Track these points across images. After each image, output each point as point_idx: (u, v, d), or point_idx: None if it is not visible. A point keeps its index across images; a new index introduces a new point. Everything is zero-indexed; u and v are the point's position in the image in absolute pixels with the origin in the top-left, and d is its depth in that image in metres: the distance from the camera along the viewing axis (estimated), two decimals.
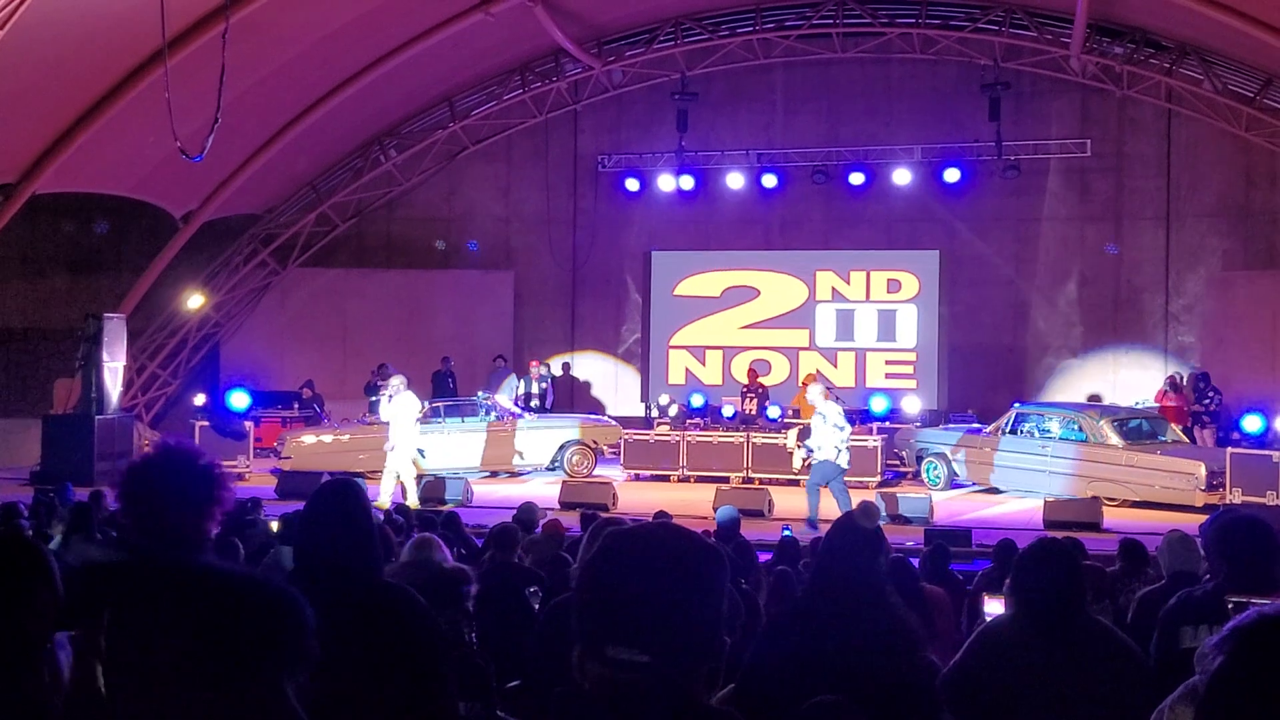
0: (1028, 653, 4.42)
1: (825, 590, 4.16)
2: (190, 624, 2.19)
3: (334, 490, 4.02)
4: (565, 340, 28.69)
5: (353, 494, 3.97)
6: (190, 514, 3.10)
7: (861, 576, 4.07)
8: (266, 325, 28.83)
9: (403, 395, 19.23)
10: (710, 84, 27.22)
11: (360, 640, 3.61)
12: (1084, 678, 4.38)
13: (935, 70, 26.60)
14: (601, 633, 2.41)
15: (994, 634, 4.70)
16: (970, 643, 4.79)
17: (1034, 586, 4.55)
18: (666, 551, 2.46)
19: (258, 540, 10.71)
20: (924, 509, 17.67)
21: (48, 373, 27.44)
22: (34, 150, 21.66)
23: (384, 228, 29.40)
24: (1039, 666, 4.39)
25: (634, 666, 2.37)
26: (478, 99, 28.20)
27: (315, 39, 21.93)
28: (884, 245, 26.97)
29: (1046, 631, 4.46)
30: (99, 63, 20.18)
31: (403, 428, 19.00)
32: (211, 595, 2.23)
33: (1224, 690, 1.93)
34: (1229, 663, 1.93)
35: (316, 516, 3.91)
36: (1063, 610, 4.50)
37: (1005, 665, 4.43)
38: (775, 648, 4.16)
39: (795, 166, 26.87)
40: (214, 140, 14.93)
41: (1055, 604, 4.50)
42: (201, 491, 3.15)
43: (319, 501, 3.97)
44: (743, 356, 26.93)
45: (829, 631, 3.94)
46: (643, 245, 28.02)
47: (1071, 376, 26.15)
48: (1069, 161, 26.08)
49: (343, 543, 3.81)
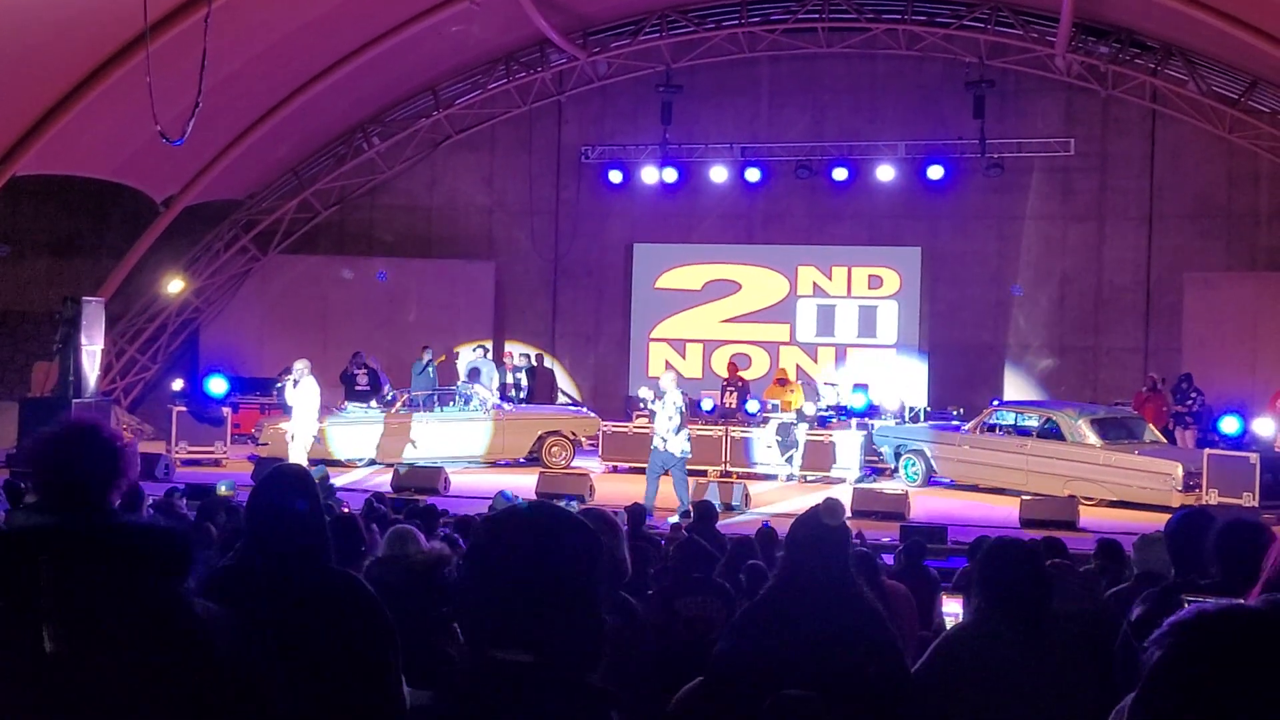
0: (993, 653, 4.41)
1: (792, 586, 4.14)
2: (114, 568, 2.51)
3: (280, 478, 4.00)
4: (546, 331, 28.65)
5: (300, 482, 3.94)
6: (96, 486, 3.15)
7: (829, 572, 4.06)
8: (246, 311, 28.73)
9: (306, 380, 19.77)
10: (695, 77, 27.19)
11: (306, 628, 3.59)
12: (1050, 678, 4.37)
13: (920, 67, 26.60)
14: (483, 634, 2.40)
15: (959, 634, 4.69)
16: (936, 642, 4.78)
17: (997, 586, 4.54)
18: (539, 538, 2.43)
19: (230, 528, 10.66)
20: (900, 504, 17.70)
21: (26, 356, 27.35)
22: (15, 132, 21.54)
23: (366, 215, 29.33)
24: (1005, 666, 4.38)
25: (519, 666, 2.36)
26: (462, 88, 28.13)
27: (298, 24, 21.85)
28: (866, 241, 26.98)
29: (1011, 632, 4.44)
30: (81, 46, 20.07)
31: (305, 412, 19.58)
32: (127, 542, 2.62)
33: (1158, 685, 1.92)
34: (1165, 657, 1.92)
35: (262, 504, 3.89)
36: (1027, 610, 4.49)
37: (970, 666, 4.42)
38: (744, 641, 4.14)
39: (779, 161, 26.86)
40: (195, 125, 14.86)
41: (1019, 604, 4.48)
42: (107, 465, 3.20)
43: (265, 490, 3.95)
44: (723, 350, 26.94)
45: (798, 626, 3.93)
46: (625, 237, 28.01)
47: (1051, 375, 26.19)
48: (1052, 160, 26.11)
49: (289, 531, 3.79)
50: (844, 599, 4.03)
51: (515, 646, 2.36)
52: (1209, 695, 1.85)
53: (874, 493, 18.50)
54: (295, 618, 3.55)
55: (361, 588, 3.84)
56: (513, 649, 2.36)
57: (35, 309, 27.78)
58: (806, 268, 27.06)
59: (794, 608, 4.01)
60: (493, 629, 2.38)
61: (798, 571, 4.15)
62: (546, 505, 2.62)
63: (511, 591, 2.37)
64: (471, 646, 2.42)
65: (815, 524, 4.22)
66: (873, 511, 17.39)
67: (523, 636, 2.36)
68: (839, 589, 4.04)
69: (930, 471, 21.04)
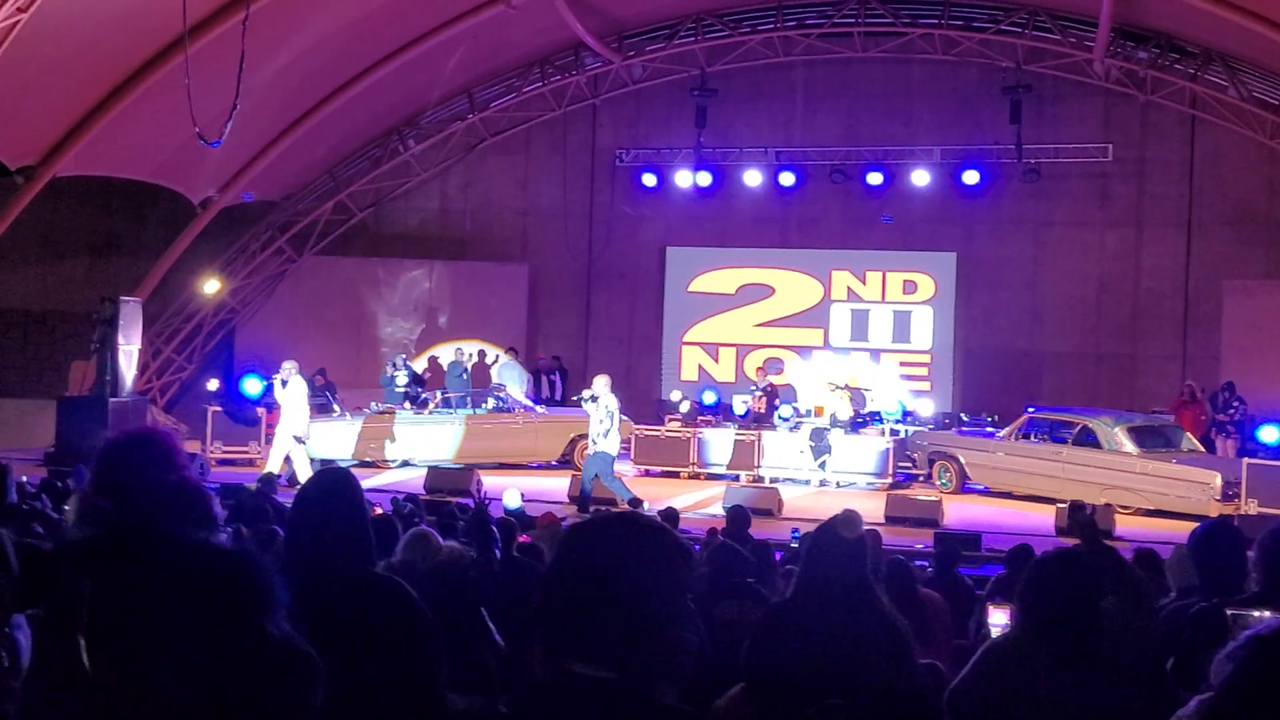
0: (1037, 669, 4.31)
1: (808, 596, 4.11)
2: (167, 588, 2.28)
3: (325, 481, 3.99)
4: (579, 334, 28.66)
5: (345, 485, 3.94)
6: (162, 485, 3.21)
7: (846, 583, 4.01)
8: (282, 312, 28.84)
9: (295, 379, 20.08)
10: (730, 81, 27.15)
11: (348, 632, 3.59)
12: (1093, 697, 4.28)
13: (956, 71, 26.50)
14: (564, 644, 2.35)
15: (1002, 647, 4.58)
16: (978, 656, 4.69)
17: (1049, 602, 4.39)
18: (627, 551, 2.38)
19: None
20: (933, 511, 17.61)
21: (64, 355, 27.53)
22: (55, 134, 21.70)
23: (401, 217, 29.42)
24: (1052, 687, 4.28)
25: (596, 681, 2.31)
26: (497, 91, 28.20)
27: (336, 27, 21.94)
28: (901, 246, 26.87)
29: (1060, 650, 4.31)
30: (120, 48, 20.21)
31: (295, 410, 19.85)
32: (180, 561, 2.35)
33: (1237, 698, 1.89)
34: (1243, 671, 1.89)
35: (307, 508, 3.89)
36: (1079, 629, 4.35)
37: (1013, 681, 4.33)
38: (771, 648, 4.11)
39: (813, 165, 26.79)
40: (233, 127, 14.94)
41: (1071, 622, 4.34)
42: (171, 463, 3.28)
43: (310, 493, 3.94)
44: (756, 354, 26.89)
45: (814, 636, 3.89)
46: (658, 241, 27.99)
47: (1087, 382, 26.00)
48: (1090, 166, 25.95)
49: (333, 534, 3.79)
50: (861, 611, 3.98)
51: (594, 660, 2.31)
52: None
53: (907, 499, 18.40)
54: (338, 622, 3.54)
55: (405, 592, 3.83)
56: (591, 663, 2.31)
57: (73, 309, 27.94)
58: (840, 272, 26.98)
59: (809, 618, 3.97)
60: (571, 641, 2.33)
61: (814, 582, 4.11)
62: (631, 515, 2.57)
63: (592, 604, 2.32)
64: (549, 656, 2.36)
65: (832, 536, 4.18)
66: (906, 518, 17.30)
67: (602, 651, 2.30)
68: (855, 601, 3.99)
69: (963, 478, 20.92)
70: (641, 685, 2.32)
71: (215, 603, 2.32)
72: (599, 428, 18.20)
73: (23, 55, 18.48)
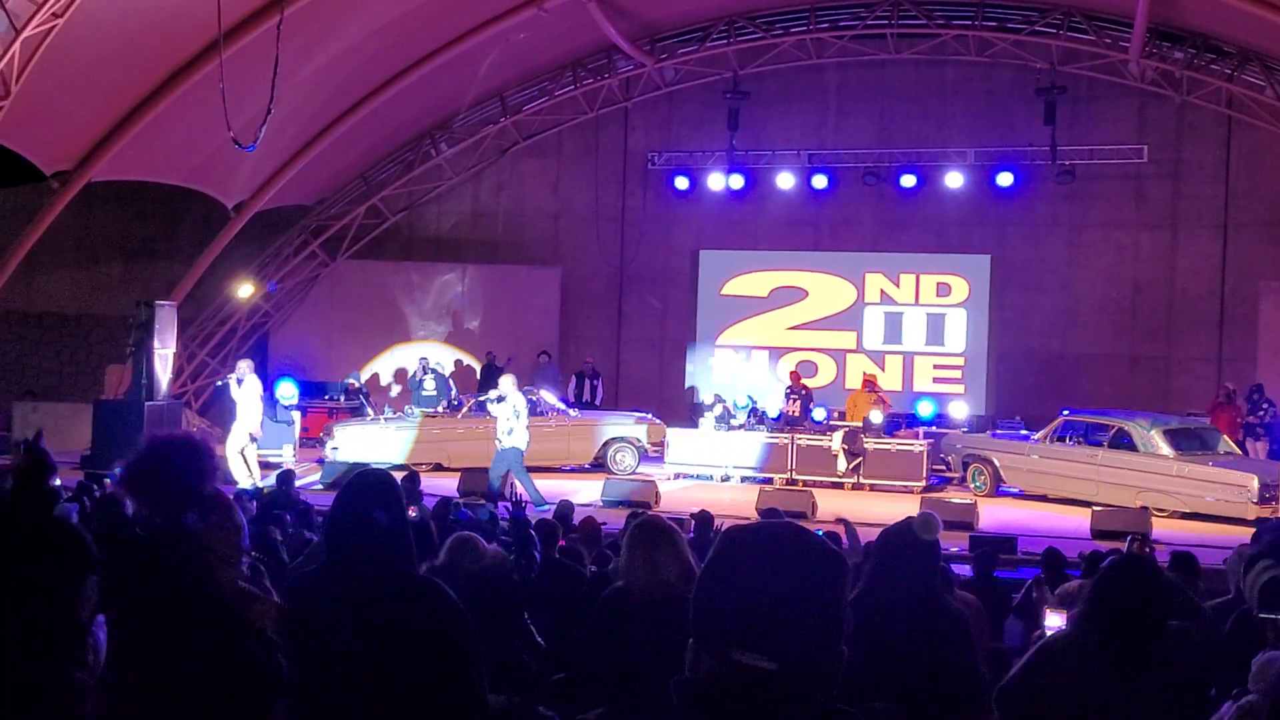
0: (1096, 674, 4.28)
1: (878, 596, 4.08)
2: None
3: (364, 482, 3.98)
4: (611, 337, 28.66)
5: (385, 487, 3.93)
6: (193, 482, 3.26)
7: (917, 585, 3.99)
8: (315, 316, 28.95)
9: (249, 378, 20.19)
10: (762, 83, 27.12)
11: (387, 632, 3.58)
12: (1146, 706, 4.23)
13: (990, 73, 26.39)
14: (726, 635, 2.39)
15: (1058, 647, 4.54)
16: (1031, 654, 4.67)
17: (1116, 608, 4.35)
18: (792, 554, 2.44)
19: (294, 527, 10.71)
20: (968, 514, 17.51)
21: (100, 359, 27.73)
22: (90, 138, 21.84)
23: (434, 221, 29.49)
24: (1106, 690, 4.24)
25: (758, 672, 2.35)
26: (529, 94, 28.24)
27: (369, 31, 22.00)
28: (934, 248, 26.77)
29: (1117, 651, 4.28)
30: (155, 53, 20.33)
31: (249, 409, 19.97)
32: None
33: None
34: None
35: (348, 509, 3.88)
36: (1140, 631, 4.32)
37: (1068, 681, 4.30)
38: None
39: (846, 167, 26.73)
40: (267, 131, 15.01)
41: (1135, 628, 4.31)
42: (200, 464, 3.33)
43: (349, 494, 3.93)
44: (789, 357, 26.84)
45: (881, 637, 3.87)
46: (691, 244, 27.98)
47: (1122, 385, 25.82)
48: (1125, 167, 25.79)
49: (372, 535, 3.77)
50: (930, 612, 3.96)
51: (759, 651, 2.35)
52: None
53: (941, 502, 18.32)
54: (378, 624, 3.54)
55: (445, 594, 3.81)
56: (756, 654, 2.35)
57: (109, 312, 28.13)
58: (874, 275, 26.91)
59: (879, 618, 3.95)
60: (733, 631, 2.37)
61: (884, 582, 4.08)
62: (794, 524, 2.61)
63: (757, 597, 2.37)
64: (707, 644, 2.41)
65: (908, 536, 4.15)
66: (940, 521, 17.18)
67: (765, 643, 2.35)
68: (925, 602, 3.97)
69: (998, 481, 20.82)
70: (800, 682, 2.36)
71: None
72: (504, 425, 18.65)
73: (58, 61, 18.61)
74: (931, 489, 20.88)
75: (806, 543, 2.47)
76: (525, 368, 26.37)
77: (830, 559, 2.46)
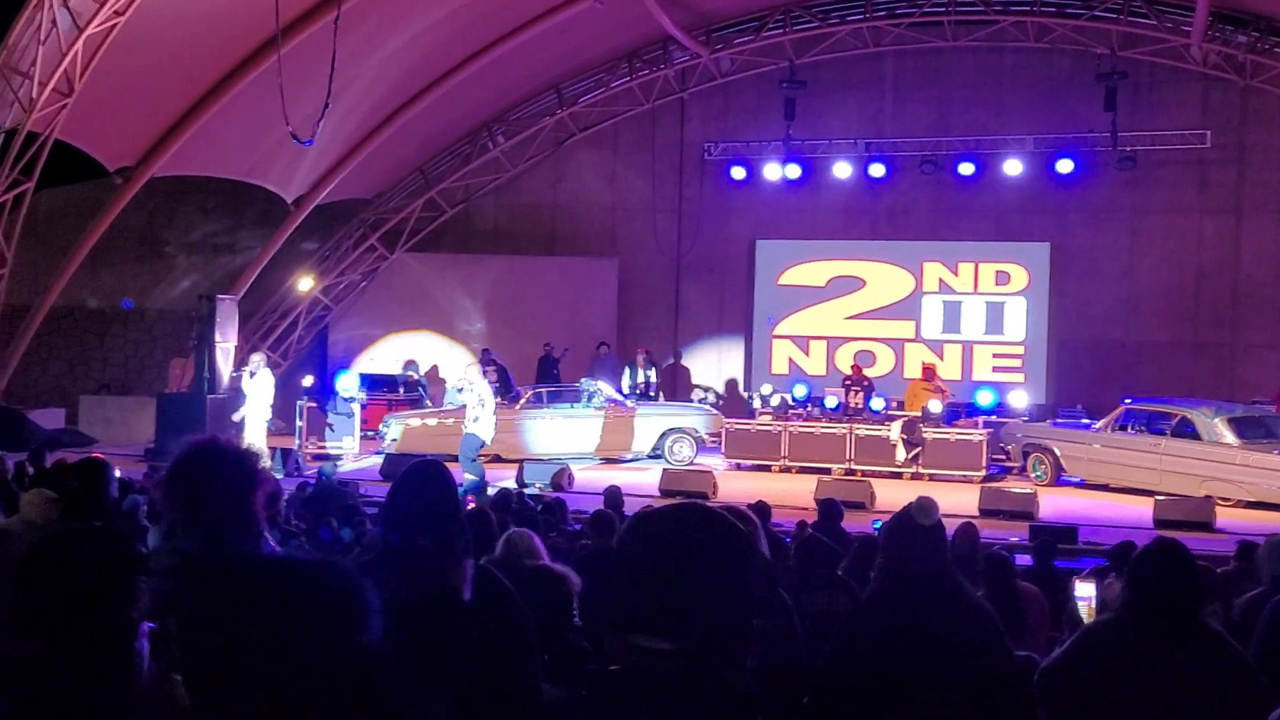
0: (1136, 653, 4.30)
1: (893, 589, 4.07)
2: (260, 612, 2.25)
3: (419, 473, 4.01)
4: (669, 328, 28.67)
5: (438, 477, 3.95)
6: (235, 501, 3.21)
7: (929, 571, 3.98)
8: (374, 309, 29.16)
9: (262, 372, 20.45)
10: (819, 72, 27.00)
11: (441, 624, 3.61)
12: (1190, 683, 4.26)
13: (1049, 59, 26.14)
14: (625, 618, 2.38)
15: (1101, 631, 4.57)
16: (1075, 638, 4.68)
17: (1152, 586, 4.41)
18: (689, 533, 2.40)
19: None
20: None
21: (163, 352, 28.06)
22: (152, 135, 22.13)
23: (491, 214, 29.62)
24: (1146, 668, 4.27)
25: (655, 654, 2.33)
26: (585, 86, 28.29)
27: (425, 25, 22.12)
28: (993, 237, 26.57)
29: (1158, 633, 4.32)
30: (214, 49, 20.54)
31: (259, 402, 20.20)
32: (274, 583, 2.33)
33: None
34: None
35: (403, 498, 3.90)
36: (1178, 613, 4.37)
37: (1110, 663, 4.32)
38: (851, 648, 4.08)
39: (904, 156, 26.59)
40: (325, 126, 15.13)
41: (1171, 606, 4.36)
42: (244, 480, 3.28)
43: (405, 483, 3.96)
44: (847, 347, 26.75)
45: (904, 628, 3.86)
46: (748, 234, 27.93)
47: (1185, 373, 25.53)
48: (1187, 153, 25.46)
49: (428, 524, 3.80)
50: (946, 596, 3.95)
51: (654, 633, 2.33)
52: None
53: (1001, 492, 18.19)
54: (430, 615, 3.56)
55: (500, 583, 3.84)
56: (650, 636, 2.33)
57: (171, 306, 28.49)
58: (932, 264, 26.76)
59: (898, 610, 3.94)
60: (635, 615, 2.36)
61: (897, 573, 4.08)
62: (697, 503, 2.57)
63: (657, 579, 2.35)
64: (612, 628, 2.40)
65: (909, 524, 4.15)
66: (1000, 511, 17.09)
67: (662, 626, 2.33)
68: (939, 587, 3.96)
69: (1059, 470, 20.65)
70: (702, 663, 2.33)
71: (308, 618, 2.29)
72: (470, 413, 18.72)
73: (120, 58, 18.86)
74: (991, 478, 20.74)
75: (708, 520, 2.44)
76: (584, 359, 26.47)
77: (733, 536, 2.42)
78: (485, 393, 18.83)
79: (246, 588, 2.29)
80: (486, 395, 18.85)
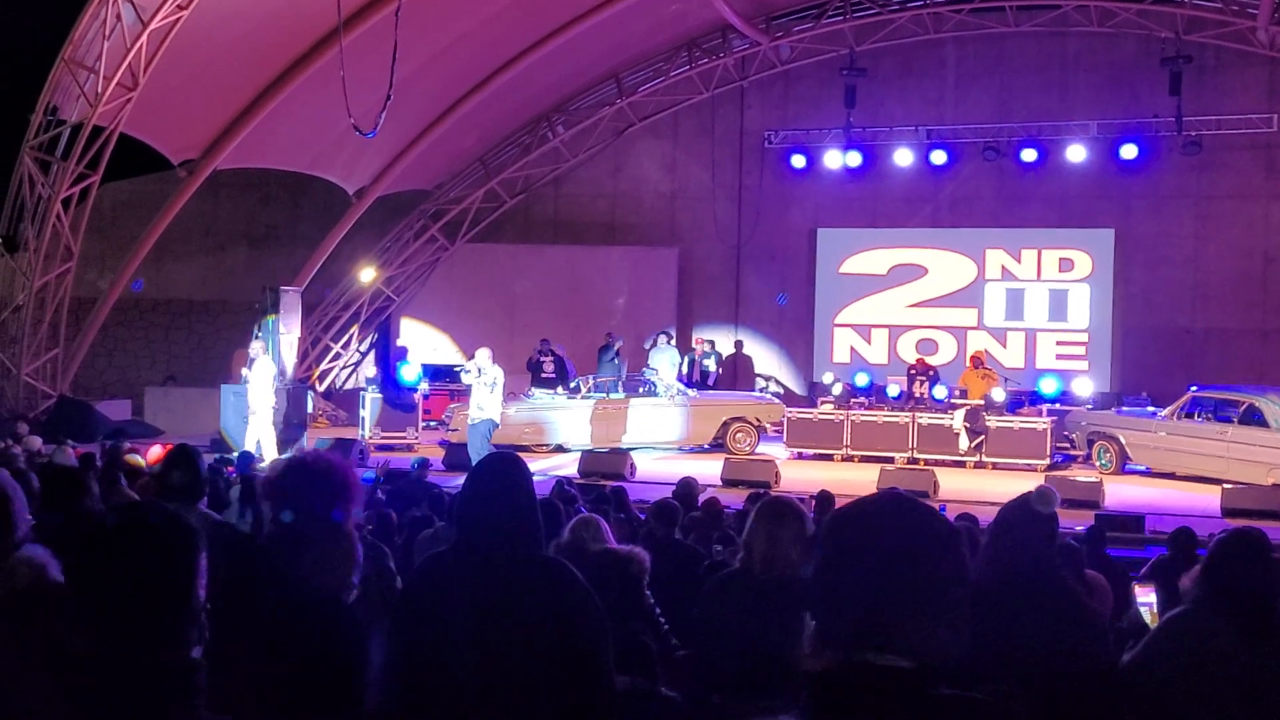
0: (1216, 650, 4.23)
1: (998, 573, 4.04)
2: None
3: (496, 464, 4.03)
4: (729, 317, 28.62)
5: (515, 469, 3.97)
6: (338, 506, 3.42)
7: (1035, 561, 3.94)
8: (436, 299, 29.31)
9: (262, 359, 20.45)
10: (879, 59, 26.84)
11: (519, 614, 3.62)
12: (1272, 674, 4.18)
13: (1113, 44, 25.84)
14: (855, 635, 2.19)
15: (1180, 624, 4.51)
16: (1155, 632, 4.62)
17: (1231, 579, 4.34)
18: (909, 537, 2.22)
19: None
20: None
21: (228, 343, 28.34)
22: (215, 128, 22.34)
23: (550, 204, 29.67)
24: (1228, 666, 4.20)
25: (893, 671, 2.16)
26: (645, 75, 28.26)
27: (484, 16, 22.18)
28: (1056, 223, 26.34)
29: (1240, 626, 4.25)
30: (276, 42, 20.70)
31: (261, 391, 20.15)
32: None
33: None
34: None
35: (478, 490, 3.93)
36: (1259, 605, 4.29)
37: (1191, 654, 4.26)
38: None
39: (965, 143, 26.38)
40: (386, 117, 15.19)
41: (1251, 600, 4.29)
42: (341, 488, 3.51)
43: (481, 476, 3.99)
44: (909, 335, 26.61)
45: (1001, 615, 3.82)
46: (809, 222, 27.83)
47: (1252, 360, 25.19)
48: (1254, 137, 25.09)
49: (503, 517, 3.82)
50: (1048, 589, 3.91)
51: (889, 650, 2.15)
52: None
53: (1066, 480, 18.02)
54: (508, 604, 3.58)
55: (573, 574, 3.85)
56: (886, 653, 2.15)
57: (235, 298, 28.75)
58: (995, 251, 26.57)
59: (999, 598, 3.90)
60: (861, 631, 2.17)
61: (1003, 561, 4.04)
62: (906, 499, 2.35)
63: (880, 589, 2.16)
64: (832, 640, 2.21)
65: (1026, 510, 4.10)
66: (1065, 499, 16.89)
67: (896, 642, 2.15)
68: (1042, 579, 3.92)
69: (1124, 458, 20.44)
70: (934, 675, 2.19)
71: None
72: (477, 398, 18.69)
73: (184, 52, 19.05)
74: (1055, 467, 20.56)
75: (921, 521, 2.27)
76: (645, 349, 26.49)
77: (950, 536, 2.25)
78: (499, 377, 18.87)
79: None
80: (499, 379, 18.90)
